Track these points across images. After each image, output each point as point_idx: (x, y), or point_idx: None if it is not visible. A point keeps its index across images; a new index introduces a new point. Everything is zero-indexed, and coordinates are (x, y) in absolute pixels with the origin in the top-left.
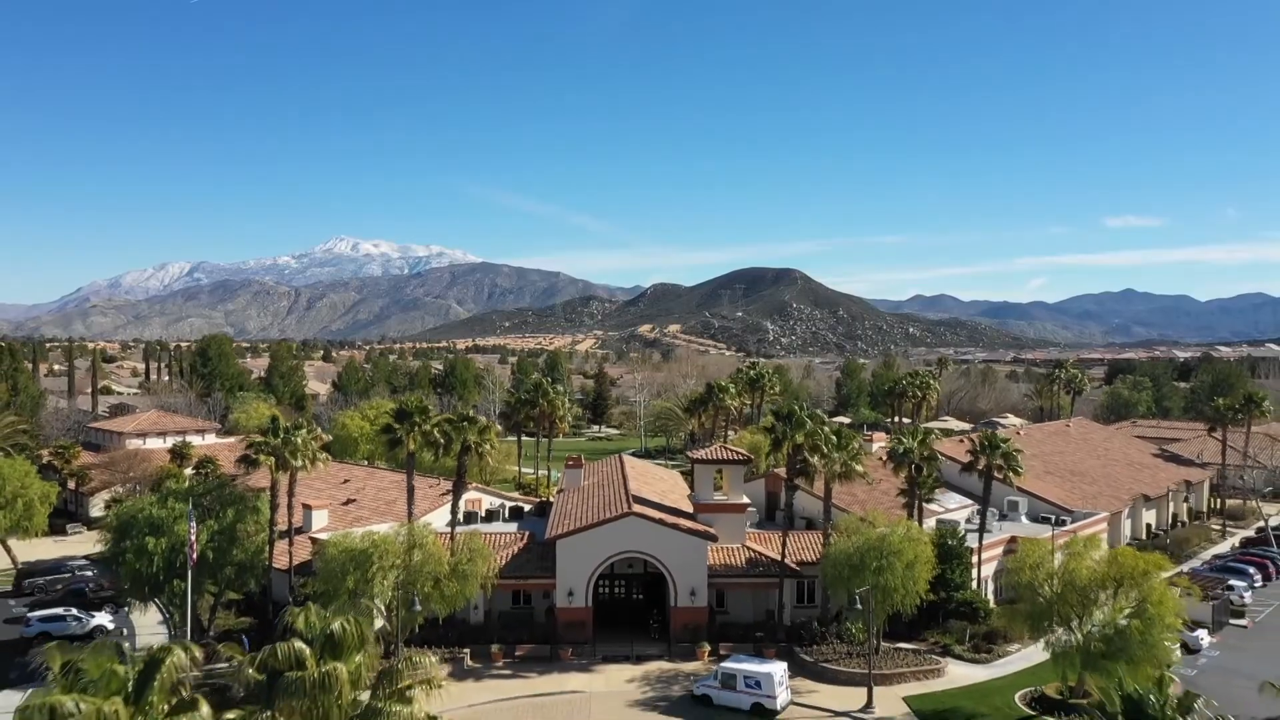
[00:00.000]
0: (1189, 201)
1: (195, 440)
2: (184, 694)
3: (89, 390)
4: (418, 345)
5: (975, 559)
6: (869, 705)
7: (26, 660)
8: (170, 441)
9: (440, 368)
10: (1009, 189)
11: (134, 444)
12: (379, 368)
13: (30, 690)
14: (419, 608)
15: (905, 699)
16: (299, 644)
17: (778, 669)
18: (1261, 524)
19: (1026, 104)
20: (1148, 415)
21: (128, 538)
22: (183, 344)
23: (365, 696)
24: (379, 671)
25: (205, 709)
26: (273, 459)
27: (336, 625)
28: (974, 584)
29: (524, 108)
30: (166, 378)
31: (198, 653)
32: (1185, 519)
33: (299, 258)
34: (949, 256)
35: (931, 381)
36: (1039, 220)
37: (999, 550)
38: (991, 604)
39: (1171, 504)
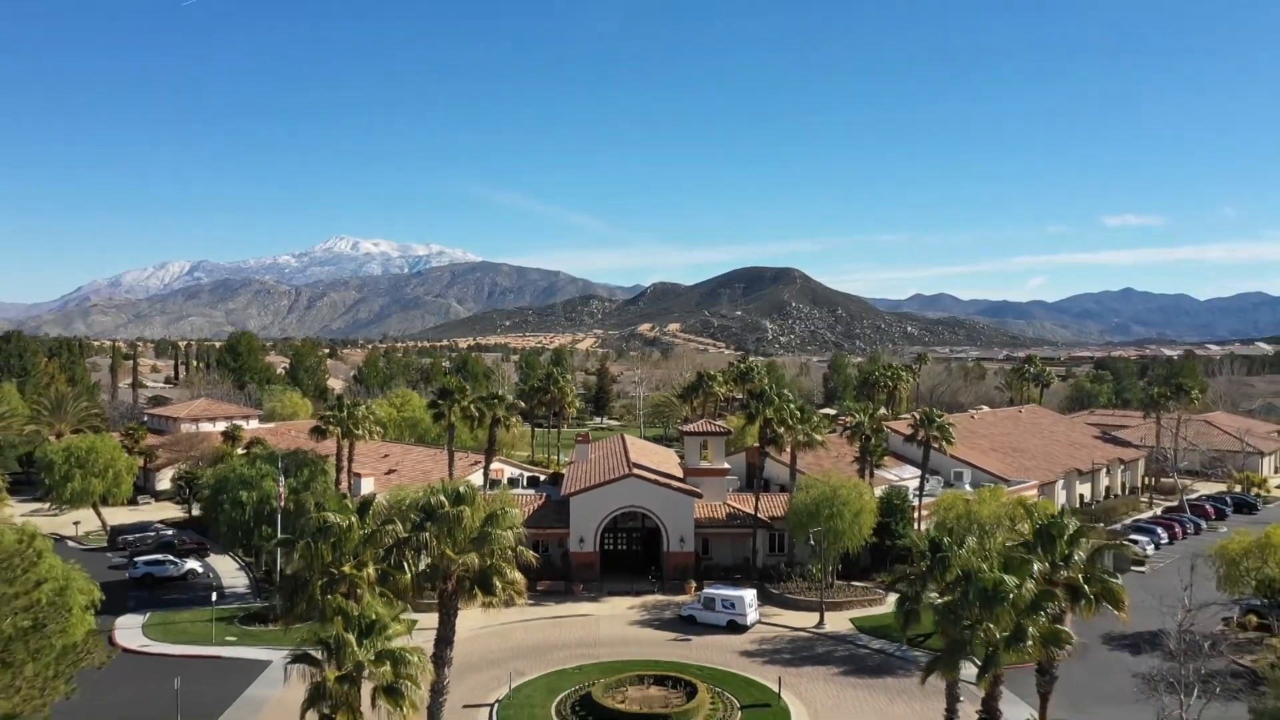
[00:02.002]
0: (1187, 200)
1: (241, 424)
2: (384, 520)
3: (123, 384)
4: (419, 344)
5: (916, 514)
6: (821, 623)
7: (139, 594)
8: (220, 426)
9: (447, 364)
10: (1007, 188)
11: (188, 428)
12: (393, 364)
13: (148, 614)
14: None
15: (851, 619)
16: (441, 497)
17: (749, 594)
18: (1189, 498)
19: (1025, 103)
20: (1108, 406)
21: (224, 492)
22: (193, 342)
23: None
24: (487, 514)
25: (399, 525)
26: (339, 429)
27: (461, 488)
28: (914, 534)
29: (524, 107)
30: (187, 372)
31: (385, 500)
32: (1119, 492)
33: (299, 257)
34: (948, 255)
35: (902, 374)
36: (1038, 219)
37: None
38: None
39: (1106, 478)
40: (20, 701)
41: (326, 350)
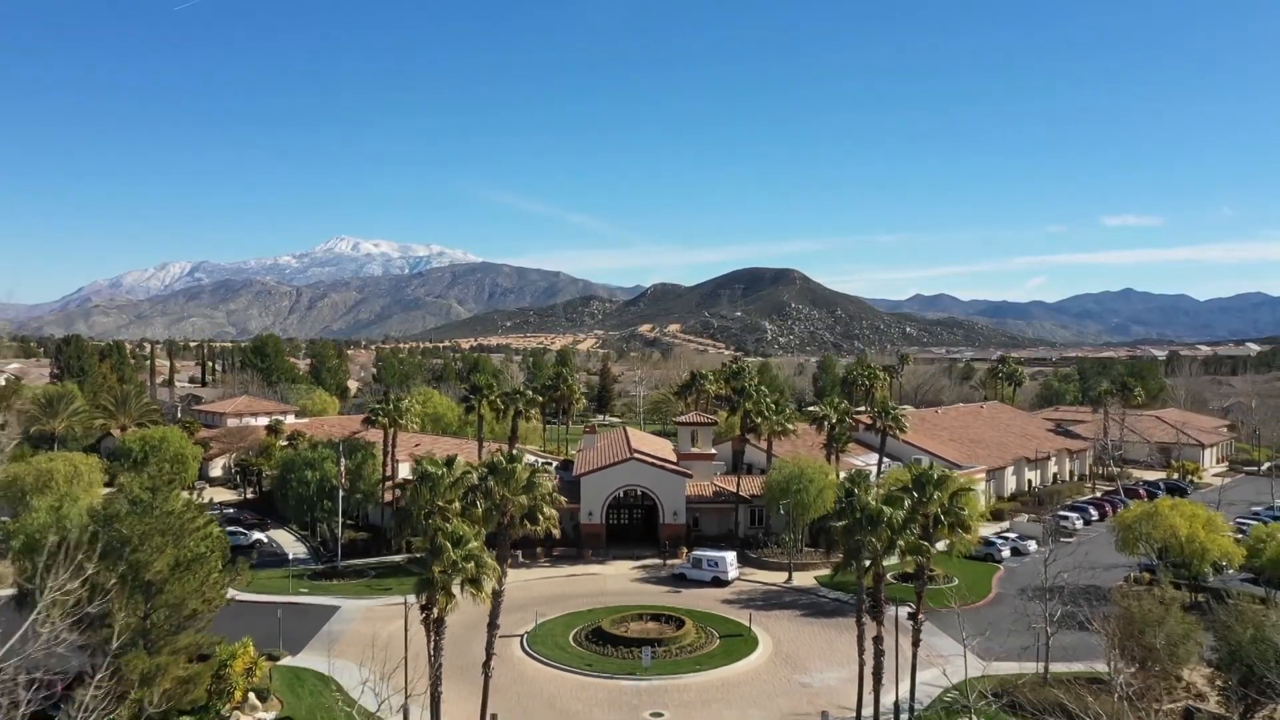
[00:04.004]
0: (1187, 200)
1: (281, 419)
2: (463, 471)
3: (156, 383)
4: (421, 345)
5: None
6: (789, 580)
7: None
8: (262, 420)
9: (458, 365)
10: (1007, 188)
11: (233, 422)
12: (405, 364)
13: None
14: None
15: (815, 577)
16: (500, 457)
17: (730, 555)
18: (1125, 483)
19: (1024, 104)
20: (1073, 403)
21: (291, 473)
22: (204, 343)
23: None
24: (531, 470)
25: (474, 474)
26: (387, 420)
27: (514, 452)
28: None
29: (524, 108)
30: (213, 373)
31: (464, 459)
32: (1066, 479)
33: (300, 257)
34: (948, 256)
35: (879, 374)
36: (1038, 219)
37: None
38: None
39: (1055, 466)
40: (202, 603)
41: (334, 351)
